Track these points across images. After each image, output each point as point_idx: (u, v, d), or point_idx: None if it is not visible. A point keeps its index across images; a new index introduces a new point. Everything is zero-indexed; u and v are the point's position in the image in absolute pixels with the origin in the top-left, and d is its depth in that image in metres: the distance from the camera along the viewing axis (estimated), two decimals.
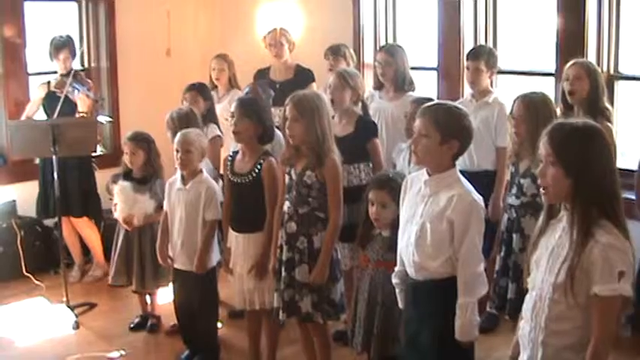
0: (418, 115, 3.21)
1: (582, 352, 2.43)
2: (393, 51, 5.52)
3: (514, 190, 4.23)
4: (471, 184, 3.22)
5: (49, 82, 6.15)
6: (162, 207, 4.77)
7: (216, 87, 6.17)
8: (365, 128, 4.80)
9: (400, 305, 3.46)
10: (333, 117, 4.68)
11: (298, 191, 3.99)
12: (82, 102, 5.96)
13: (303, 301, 3.99)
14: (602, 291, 2.38)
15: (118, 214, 5.09)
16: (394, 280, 3.45)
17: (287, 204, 4.05)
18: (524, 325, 2.63)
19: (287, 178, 4.07)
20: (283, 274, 4.03)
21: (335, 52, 5.95)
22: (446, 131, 3.10)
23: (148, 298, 5.27)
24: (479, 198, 3.17)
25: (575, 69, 4.53)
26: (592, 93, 4.50)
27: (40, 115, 6.19)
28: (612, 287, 2.37)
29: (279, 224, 4.11)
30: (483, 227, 3.17)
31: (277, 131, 4.68)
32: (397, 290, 3.45)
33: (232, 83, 6.24)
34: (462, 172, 3.25)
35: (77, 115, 5.92)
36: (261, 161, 4.29)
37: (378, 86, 5.56)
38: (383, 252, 3.77)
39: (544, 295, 2.53)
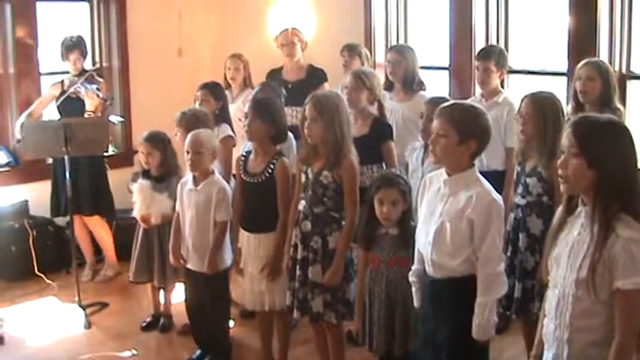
0: (436, 115, 3.22)
1: (608, 348, 2.43)
2: (403, 51, 5.51)
3: (520, 190, 4.19)
4: None
5: (62, 82, 6.17)
6: None
7: (230, 86, 6.16)
8: (380, 130, 4.75)
9: (416, 304, 3.47)
10: None
11: (314, 191, 3.99)
12: (91, 100, 5.97)
13: (314, 301, 3.99)
14: (624, 285, 2.38)
15: (135, 213, 5.09)
16: (411, 279, 3.46)
17: (302, 203, 4.05)
18: (548, 324, 2.62)
19: (303, 177, 4.07)
20: (298, 272, 4.03)
21: (351, 49, 5.94)
22: (464, 131, 3.11)
23: (162, 296, 5.27)
24: (498, 197, 3.18)
25: (588, 69, 4.51)
26: (604, 93, 4.49)
27: (50, 113, 6.19)
28: (635, 281, 2.37)
29: (293, 223, 4.11)
30: (503, 226, 3.17)
31: (289, 133, 4.66)
32: (414, 289, 3.46)
33: (247, 83, 6.22)
34: None
35: (86, 114, 5.92)
36: (274, 161, 4.28)
37: (388, 87, 5.52)
38: (395, 250, 3.77)
39: (567, 293, 2.52)
